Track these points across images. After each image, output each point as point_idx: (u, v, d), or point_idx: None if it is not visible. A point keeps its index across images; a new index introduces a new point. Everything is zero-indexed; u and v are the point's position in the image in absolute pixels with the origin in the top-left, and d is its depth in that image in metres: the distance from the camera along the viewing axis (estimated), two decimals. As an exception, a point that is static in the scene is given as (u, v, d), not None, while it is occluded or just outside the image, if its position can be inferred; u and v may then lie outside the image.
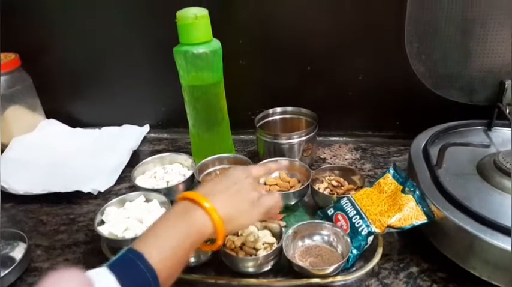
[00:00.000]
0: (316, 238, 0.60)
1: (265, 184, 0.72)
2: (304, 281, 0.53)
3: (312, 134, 0.78)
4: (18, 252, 0.64)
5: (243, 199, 0.49)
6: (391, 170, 0.64)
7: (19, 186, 0.77)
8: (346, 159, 0.85)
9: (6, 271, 0.58)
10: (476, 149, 0.62)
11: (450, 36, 0.74)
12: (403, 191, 0.59)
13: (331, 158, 0.85)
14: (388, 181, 0.63)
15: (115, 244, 0.60)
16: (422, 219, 0.56)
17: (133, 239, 0.57)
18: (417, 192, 0.58)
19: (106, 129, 0.99)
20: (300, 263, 0.55)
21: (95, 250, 0.63)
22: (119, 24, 0.90)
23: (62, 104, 1.02)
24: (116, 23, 0.90)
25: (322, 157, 0.86)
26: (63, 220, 0.72)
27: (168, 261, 0.43)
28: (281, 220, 0.67)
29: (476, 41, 0.73)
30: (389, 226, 0.56)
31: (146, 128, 0.99)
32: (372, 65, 0.83)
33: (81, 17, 0.90)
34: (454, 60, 0.76)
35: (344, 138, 0.92)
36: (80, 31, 0.92)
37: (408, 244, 0.61)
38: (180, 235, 0.44)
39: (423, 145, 0.68)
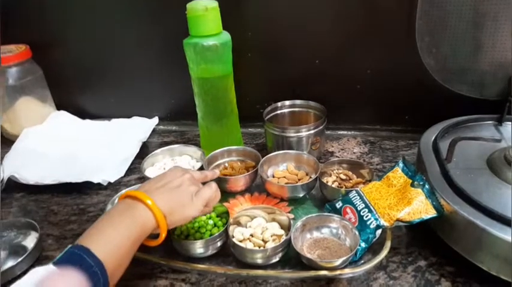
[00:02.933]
0: (325, 230, 0.60)
1: (273, 176, 0.73)
2: (312, 273, 0.54)
3: (321, 127, 0.78)
4: (30, 241, 0.65)
5: (182, 192, 0.53)
6: (400, 164, 0.64)
7: (30, 176, 0.78)
8: (354, 153, 0.84)
9: (19, 260, 0.59)
10: (487, 143, 0.62)
11: (461, 30, 0.73)
12: (412, 185, 0.59)
13: (339, 151, 0.85)
14: (397, 175, 0.63)
15: (125, 234, 0.61)
16: (431, 213, 0.56)
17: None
18: (426, 186, 0.58)
19: (115, 121, 1.00)
20: (308, 256, 0.55)
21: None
22: (129, 15, 0.90)
23: (72, 95, 1.03)
24: (127, 14, 0.90)
25: (330, 150, 0.86)
26: (73, 210, 0.73)
27: (114, 254, 0.45)
28: (289, 212, 0.67)
29: (487, 35, 0.72)
30: (398, 220, 0.56)
31: (155, 120, 1.00)
32: (381, 59, 0.83)
33: (92, 8, 0.91)
34: (465, 54, 0.75)
35: (352, 132, 0.92)
36: (90, 23, 0.93)
37: (416, 238, 0.61)
38: (123, 230, 0.47)
39: (433, 139, 0.68)
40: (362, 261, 0.56)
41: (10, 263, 0.61)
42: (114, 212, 0.49)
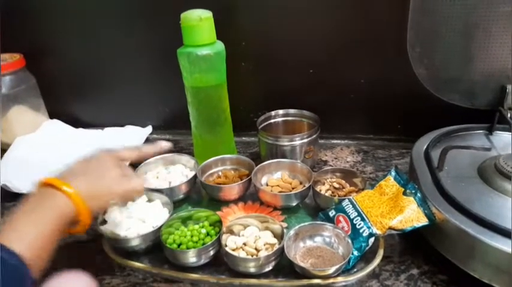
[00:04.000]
0: (318, 239, 0.60)
1: (267, 185, 0.73)
2: (305, 281, 0.54)
3: (314, 136, 0.78)
4: (20, 250, 0.64)
5: (104, 175, 0.51)
6: (393, 173, 0.64)
7: (22, 185, 0.77)
8: (347, 162, 0.85)
9: (9, 269, 0.58)
10: (477, 152, 0.63)
11: (452, 41, 0.74)
12: (404, 193, 0.59)
13: (332, 160, 0.86)
14: (390, 183, 0.63)
15: (117, 244, 0.60)
16: (423, 221, 0.56)
17: (136, 239, 0.59)
18: (418, 194, 0.58)
19: (109, 130, 0.99)
20: (301, 264, 0.55)
21: (97, 249, 0.63)
22: (122, 25, 0.91)
23: (65, 104, 1.03)
24: (120, 24, 0.91)
25: (323, 159, 0.86)
26: (65, 219, 0.73)
27: (32, 245, 0.42)
28: (283, 221, 0.67)
29: (478, 45, 0.74)
30: (390, 228, 0.56)
31: (149, 129, 1.00)
32: (374, 69, 0.84)
33: (85, 18, 0.91)
34: (456, 64, 0.76)
35: (346, 141, 0.93)
36: (83, 32, 0.93)
37: (409, 246, 0.61)
38: (40, 220, 0.44)
39: (425, 148, 0.69)
40: (355, 269, 0.56)
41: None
42: (29, 203, 0.46)
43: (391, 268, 0.58)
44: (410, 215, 0.56)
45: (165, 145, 0.63)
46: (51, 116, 1.02)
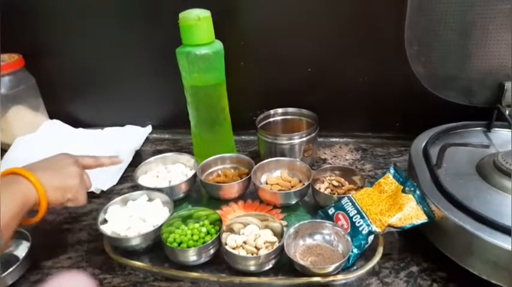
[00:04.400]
0: (317, 237, 0.60)
1: (266, 183, 0.73)
2: (305, 279, 0.54)
3: (313, 134, 0.78)
4: (21, 250, 0.65)
5: (63, 170, 0.58)
6: (392, 170, 0.64)
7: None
8: (346, 159, 0.85)
9: (10, 269, 0.58)
10: (476, 149, 0.63)
11: (450, 39, 0.74)
12: (403, 191, 0.60)
13: (331, 158, 0.86)
14: (389, 181, 0.63)
15: (118, 243, 0.61)
16: (422, 218, 0.56)
17: (136, 238, 0.59)
18: (417, 192, 0.59)
19: (108, 130, 0.99)
20: (301, 262, 0.55)
21: (98, 249, 0.64)
22: (122, 25, 0.91)
23: (65, 104, 1.03)
24: (119, 24, 0.90)
25: (322, 157, 0.86)
26: (66, 218, 0.73)
27: None
28: (282, 219, 0.67)
29: (476, 43, 0.74)
30: (389, 225, 0.56)
31: (148, 128, 1.00)
32: (372, 67, 0.84)
33: (84, 18, 0.91)
34: (454, 62, 0.76)
35: (345, 139, 0.93)
36: (82, 32, 0.93)
37: (408, 244, 0.61)
38: (6, 201, 0.49)
39: (423, 145, 0.69)
40: (355, 267, 0.56)
41: (1, 273, 0.60)
42: None
43: (391, 265, 0.58)
44: (410, 213, 0.57)
45: (120, 158, 0.71)
46: (51, 116, 1.02)
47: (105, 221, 0.64)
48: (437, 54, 0.76)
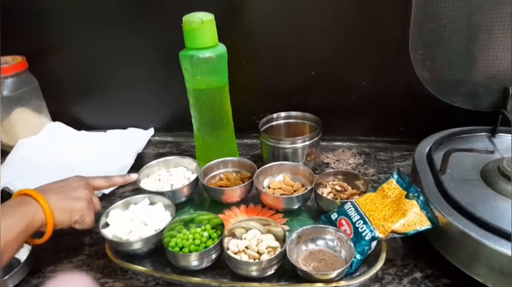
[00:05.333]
0: (320, 242, 0.60)
1: (269, 187, 0.73)
2: (308, 285, 0.53)
3: (316, 138, 0.78)
4: (22, 254, 0.64)
5: (72, 194, 0.60)
6: (395, 175, 0.64)
7: (24, 187, 0.77)
8: (349, 164, 0.85)
9: (11, 273, 0.58)
10: (481, 155, 0.62)
11: (454, 43, 0.74)
12: (407, 196, 0.59)
13: (334, 163, 0.86)
14: (392, 186, 0.63)
15: (119, 247, 0.60)
16: (426, 225, 0.56)
17: (138, 242, 0.59)
18: (421, 197, 0.58)
19: (111, 132, 0.99)
20: (304, 268, 0.55)
21: (100, 253, 0.64)
22: (125, 27, 0.91)
23: (68, 106, 1.03)
24: (122, 26, 0.91)
25: (325, 161, 0.86)
26: (67, 221, 0.73)
27: (2, 239, 0.49)
28: (285, 224, 0.67)
29: (481, 47, 0.73)
30: (393, 231, 0.56)
31: (151, 131, 1.00)
32: (377, 71, 0.84)
33: (88, 20, 0.91)
34: (458, 66, 0.76)
35: (348, 143, 0.93)
36: (86, 34, 0.93)
37: (412, 250, 0.61)
38: (11, 222, 0.52)
39: (427, 150, 0.68)
40: (357, 273, 0.56)
41: (2, 276, 0.60)
42: (6, 206, 0.54)
43: (394, 271, 0.57)
44: (413, 219, 0.56)
45: (134, 176, 0.71)
46: (54, 118, 1.03)
47: (106, 224, 0.64)
48: (442, 58, 0.76)
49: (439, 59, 0.76)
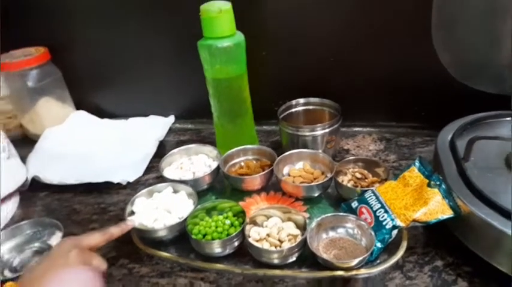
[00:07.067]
0: (340, 230, 0.60)
1: (289, 175, 0.73)
2: (328, 273, 0.54)
3: (336, 126, 0.78)
4: (54, 240, 0.68)
5: (67, 273, 0.46)
6: (417, 163, 0.63)
7: (53, 176, 0.80)
8: (370, 150, 0.84)
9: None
10: (506, 141, 0.61)
11: (478, 23, 0.71)
12: (428, 185, 0.59)
13: (354, 149, 0.85)
14: (414, 174, 0.62)
15: (145, 234, 0.63)
16: (448, 213, 0.56)
17: (163, 230, 0.60)
18: (443, 186, 0.58)
19: (133, 120, 1.01)
20: (324, 256, 0.56)
21: (126, 240, 0.65)
22: (144, 15, 0.91)
23: (90, 95, 1.05)
24: (141, 14, 0.91)
25: (345, 148, 0.86)
26: (94, 209, 0.76)
27: None
28: (305, 211, 0.67)
29: (505, 28, 0.70)
30: (414, 220, 0.56)
31: (171, 118, 1.01)
32: (397, 55, 0.82)
33: (108, 9, 0.92)
34: (483, 48, 0.73)
35: (368, 129, 0.92)
36: (106, 23, 0.94)
37: (433, 237, 0.61)
38: None
39: (450, 137, 0.67)
40: (378, 261, 0.56)
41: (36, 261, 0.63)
42: None
43: (415, 259, 0.58)
44: (435, 208, 0.56)
45: (131, 223, 0.61)
46: (77, 107, 1.05)
47: (132, 212, 0.66)
48: (465, 40, 0.73)
49: (462, 41, 0.73)
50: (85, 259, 0.49)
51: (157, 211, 0.65)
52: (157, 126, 0.97)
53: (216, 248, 0.59)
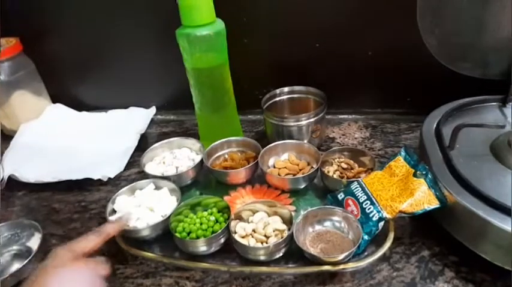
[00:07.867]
0: (327, 223, 0.60)
1: (274, 167, 0.72)
2: (316, 268, 0.54)
3: (321, 115, 0.76)
4: (34, 242, 0.65)
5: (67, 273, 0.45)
6: (403, 153, 0.63)
7: (30, 174, 0.78)
8: (355, 138, 0.83)
9: (25, 262, 0.59)
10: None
11: (464, 9, 0.70)
12: (414, 174, 0.58)
13: (340, 137, 0.84)
14: (400, 164, 0.62)
15: (127, 234, 0.61)
16: (434, 204, 0.55)
17: (145, 229, 0.59)
18: (429, 176, 0.57)
19: (112, 113, 0.98)
20: (311, 251, 0.55)
21: (109, 240, 0.63)
22: (122, 5, 0.87)
23: (67, 87, 1.02)
24: (120, 4, 0.87)
25: (331, 136, 0.85)
26: (75, 207, 0.73)
27: None
28: (291, 204, 0.66)
29: (491, 13, 0.69)
30: (400, 211, 0.55)
31: (153, 110, 0.98)
32: (382, 40, 0.80)
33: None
34: (468, 33, 0.72)
35: (353, 116, 0.91)
36: (82, 13, 0.90)
37: (420, 228, 0.60)
38: None
39: (435, 124, 0.67)
40: (365, 253, 0.56)
41: (16, 265, 0.61)
42: None
43: (402, 250, 0.58)
44: (421, 198, 0.55)
45: (126, 217, 0.60)
46: (54, 100, 1.01)
47: (113, 211, 0.64)
48: (450, 24, 0.72)
49: (447, 25, 0.72)
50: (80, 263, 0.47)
51: (140, 209, 0.63)
52: (138, 118, 0.94)
53: (201, 247, 0.57)
